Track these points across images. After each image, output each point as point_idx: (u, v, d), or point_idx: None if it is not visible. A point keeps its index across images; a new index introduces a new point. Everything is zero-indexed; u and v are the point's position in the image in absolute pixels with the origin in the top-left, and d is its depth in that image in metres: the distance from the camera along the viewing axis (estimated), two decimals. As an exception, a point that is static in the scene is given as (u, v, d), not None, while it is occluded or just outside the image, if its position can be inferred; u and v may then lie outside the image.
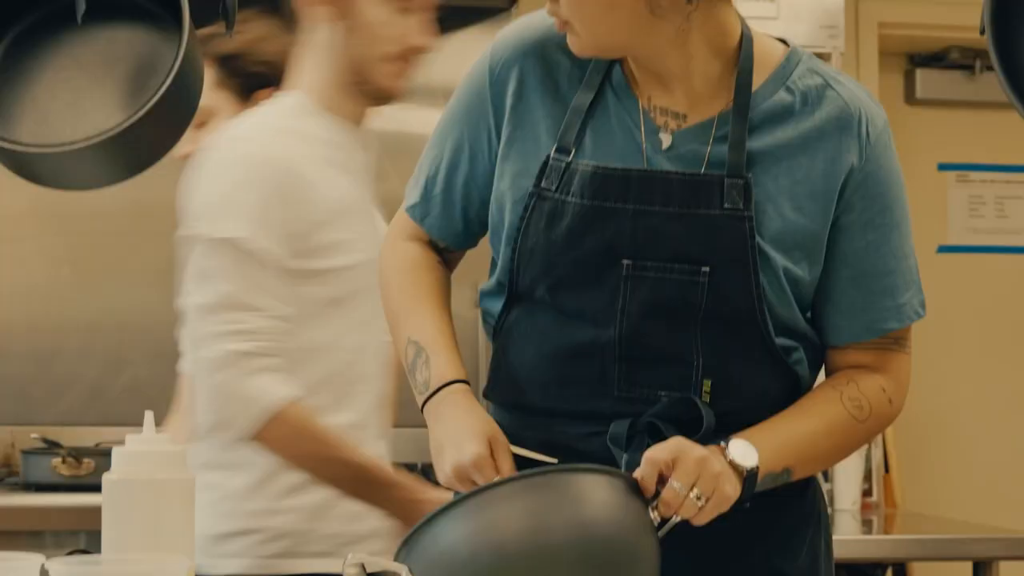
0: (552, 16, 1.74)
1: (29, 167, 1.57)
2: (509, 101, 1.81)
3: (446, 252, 1.94)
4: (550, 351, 1.78)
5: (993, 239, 4.74)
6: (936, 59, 4.62)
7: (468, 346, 2.55)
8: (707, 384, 1.74)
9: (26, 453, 3.10)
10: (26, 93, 1.58)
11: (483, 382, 1.90)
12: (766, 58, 1.79)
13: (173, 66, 1.50)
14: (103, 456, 3.03)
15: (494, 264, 1.85)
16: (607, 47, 1.75)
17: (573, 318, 1.77)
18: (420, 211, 1.90)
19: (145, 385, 3.63)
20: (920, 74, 4.62)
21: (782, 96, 1.77)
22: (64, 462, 3.00)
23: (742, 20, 1.79)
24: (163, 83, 1.50)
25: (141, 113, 1.49)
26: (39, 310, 3.64)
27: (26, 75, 1.59)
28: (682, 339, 1.74)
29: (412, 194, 1.92)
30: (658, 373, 1.75)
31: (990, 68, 5.11)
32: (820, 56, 3.99)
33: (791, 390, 1.80)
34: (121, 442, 3.08)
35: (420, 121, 3.76)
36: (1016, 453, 4.57)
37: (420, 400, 1.80)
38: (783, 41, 1.84)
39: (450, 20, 3.83)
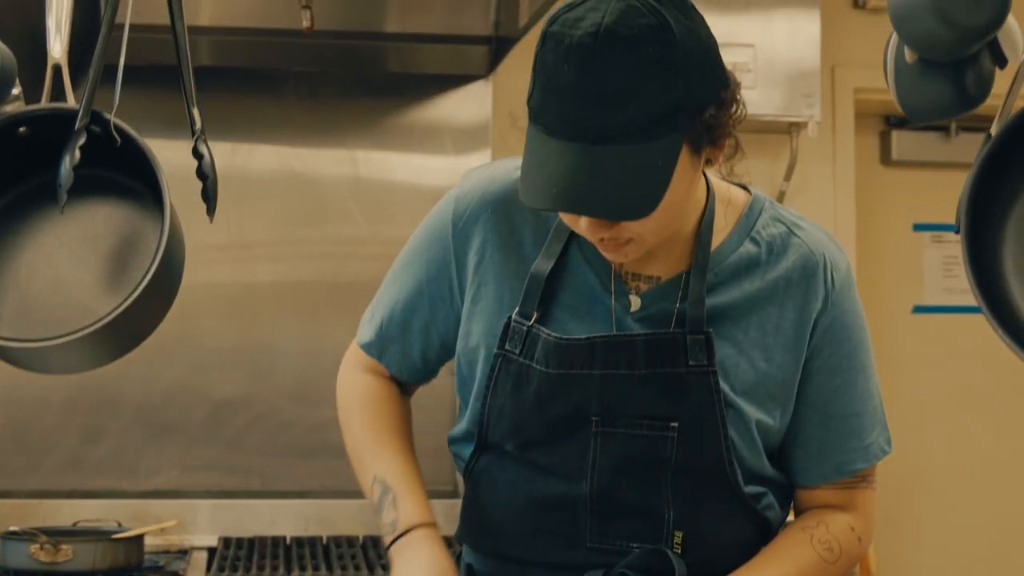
0: (598, 238, 1.65)
1: (11, 357, 1.53)
2: (472, 259, 1.81)
3: (405, 385, 1.96)
4: (522, 502, 1.80)
5: (968, 299, 4.62)
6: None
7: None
8: (678, 536, 1.76)
9: (4, 538, 3.09)
10: (6, 274, 1.55)
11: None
12: (730, 207, 1.81)
13: (157, 251, 1.47)
14: (81, 542, 3.03)
15: (461, 411, 1.86)
16: (661, 240, 1.71)
17: (544, 472, 1.78)
18: (376, 348, 1.92)
19: (122, 456, 3.62)
20: (896, 135, 4.61)
21: (748, 248, 1.79)
22: (42, 549, 2.98)
23: (703, 173, 1.79)
24: (148, 270, 1.47)
25: (126, 304, 1.45)
26: (16, 380, 3.63)
27: (4, 255, 1.56)
28: (653, 492, 1.75)
29: (366, 332, 1.92)
30: (630, 525, 1.76)
31: (965, 130, 5.03)
32: (796, 125, 4.02)
33: (762, 535, 1.82)
34: (98, 520, 3.03)
35: (391, 168, 3.77)
36: (992, 518, 4.56)
37: (386, 540, 1.81)
38: (744, 187, 1.85)
39: (429, 86, 3.85)
